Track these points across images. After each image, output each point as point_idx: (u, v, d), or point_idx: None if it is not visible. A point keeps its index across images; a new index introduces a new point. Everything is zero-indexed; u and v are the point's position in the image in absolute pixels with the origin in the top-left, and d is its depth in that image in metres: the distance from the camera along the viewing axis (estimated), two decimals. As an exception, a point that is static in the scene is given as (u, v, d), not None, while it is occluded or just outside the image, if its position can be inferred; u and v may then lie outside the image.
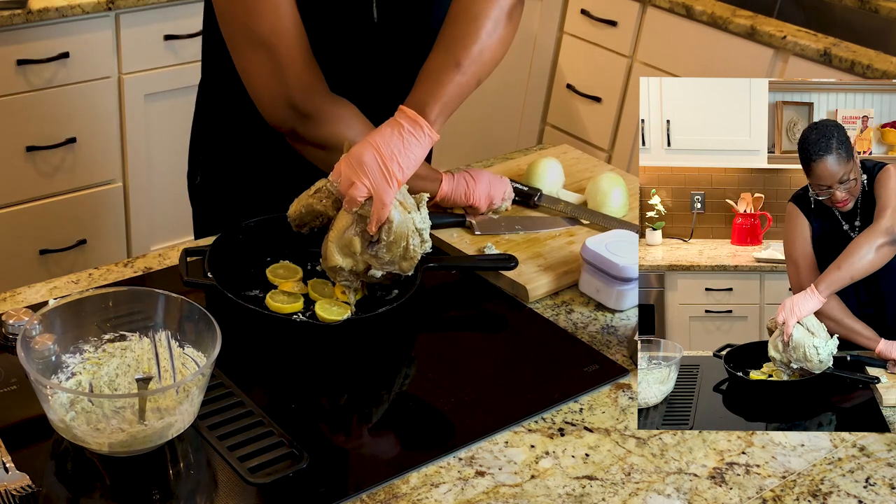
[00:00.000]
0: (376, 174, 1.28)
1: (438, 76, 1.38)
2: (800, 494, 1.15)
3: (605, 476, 1.15)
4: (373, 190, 1.28)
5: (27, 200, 2.70)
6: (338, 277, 1.35)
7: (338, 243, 1.32)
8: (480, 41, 1.41)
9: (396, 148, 1.30)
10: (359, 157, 1.29)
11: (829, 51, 2.77)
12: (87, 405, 1.09)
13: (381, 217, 1.29)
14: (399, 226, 1.30)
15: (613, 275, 1.42)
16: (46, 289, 1.38)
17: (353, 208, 1.30)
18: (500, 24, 1.43)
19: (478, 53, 1.40)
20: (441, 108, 1.35)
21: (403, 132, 1.31)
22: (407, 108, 1.34)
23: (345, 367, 1.30)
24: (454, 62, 1.39)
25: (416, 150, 1.31)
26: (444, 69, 1.38)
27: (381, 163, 1.28)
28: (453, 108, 1.39)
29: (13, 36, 2.46)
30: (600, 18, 3.34)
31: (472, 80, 1.41)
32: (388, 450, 1.18)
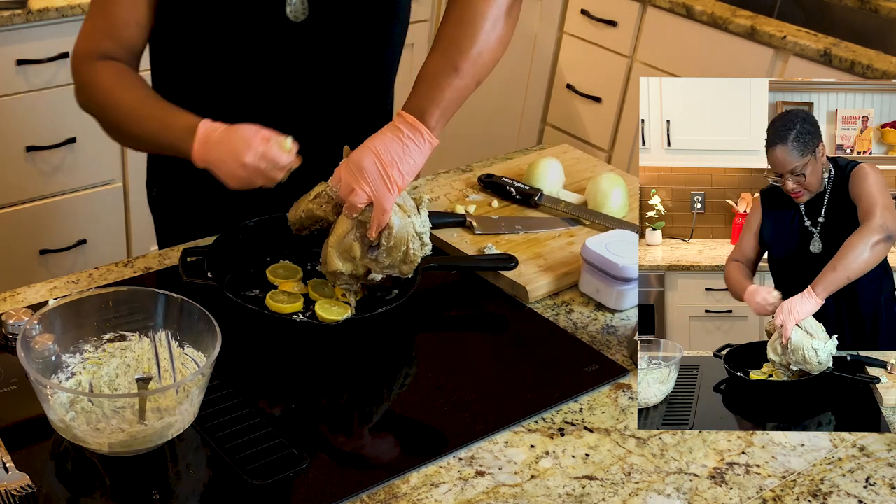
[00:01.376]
0: (377, 180, 1.28)
1: (437, 81, 1.36)
2: (800, 494, 1.15)
3: (605, 476, 1.15)
4: (373, 196, 1.28)
5: (27, 200, 2.70)
6: (337, 282, 1.35)
7: (338, 248, 1.32)
8: (479, 43, 1.39)
9: (397, 154, 1.29)
10: (359, 163, 1.28)
11: (829, 51, 2.77)
12: (87, 405, 1.09)
13: (381, 223, 1.28)
14: (399, 231, 1.30)
15: (613, 275, 1.42)
16: (46, 289, 1.38)
17: (353, 214, 1.30)
18: (499, 23, 1.41)
19: (476, 55, 1.39)
20: (440, 113, 1.34)
21: (403, 138, 1.30)
22: (406, 113, 1.33)
23: (345, 367, 1.30)
24: (452, 66, 1.37)
25: (416, 156, 1.31)
26: (442, 73, 1.37)
27: (381, 169, 1.28)
28: (453, 111, 1.38)
29: (13, 36, 2.46)
30: (600, 18, 3.34)
31: (471, 83, 1.40)
32: (388, 450, 1.18)
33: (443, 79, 1.36)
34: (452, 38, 1.40)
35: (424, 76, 1.38)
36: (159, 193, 1.69)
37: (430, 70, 1.38)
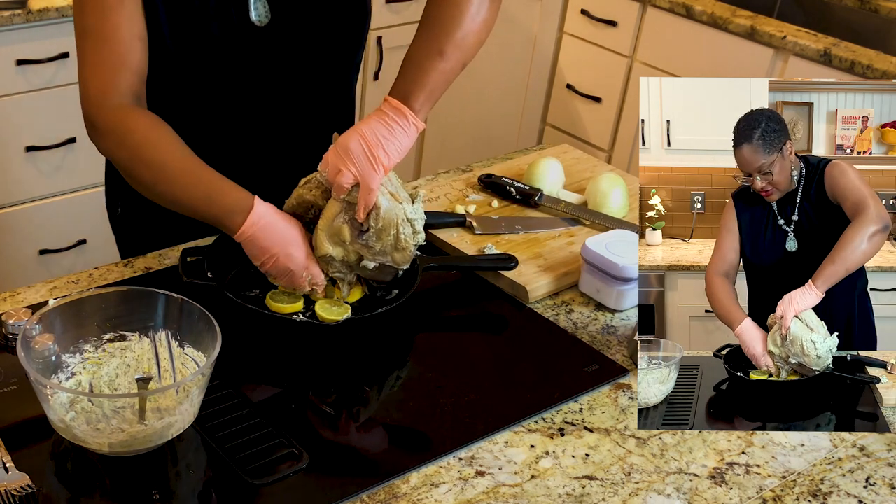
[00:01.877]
0: (362, 160, 1.29)
1: (422, 64, 1.37)
2: (800, 494, 1.15)
3: (605, 476, 1.15)
4: (359, 175, 1.29)
5: (27, 200, 2.70)
6: (329, 268, 1.34)
7: (327, 232, 1.32)
8: (464, 26, 1.39)
9: (382, 135, 1.30)
10: (345, 146, 1.30)
11: (829, 51, 2.77)
12: (87, 405, 1.09)
13: (368, 202, 1.29)
14: (387, 212, 1.30)
15: (613, 275, 1.42)
16: (46, 289, 1.38)
17: (340, 195, 1.30)
18: (483, 6, 1.40)
19: (461, 39, 1.39)
20: (426, 96, 1.35)
21: (389, 120, 1.32)
22: (391, 97, 1.34)
23: (345, 368, 1.30)
24: (437, 50, 1.37)
25: (401, 139, 1.32)
26: (427, 57, 1.37)
27: (366, 149, 1.29)
28: (438, 95, 1.38)
29: (13, 36, 2.46)
30: (600, 18, 3.34)
31: (456, 66, 1.40)
32: (388, 450, 1.18)
33: (428, 63, 1.37)
34: (437, 22, 1.40)
35: (409, 60, 1.38)
36: (123, 213, 1.66)
37: (414, 54, 1.39)
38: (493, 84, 3.49)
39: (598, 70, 3.41)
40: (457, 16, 1.39)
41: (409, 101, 1.34)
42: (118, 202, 1.66)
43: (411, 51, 1.39)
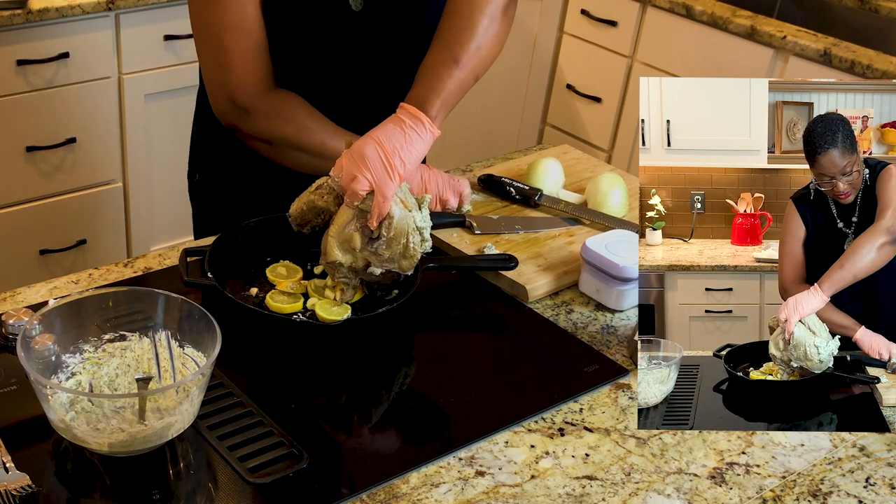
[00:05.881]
0: (378, 168, 1.28)
1: (438, 72, 1.39)
2: (800, 494, 1.15)
3: (605, 476, 1.15)
4: (374, 183, 1.28)
5: (27, 200, 2.70)
6: (336, 274, 1.35)
7: (338, 238, 1.32)
8: (477, 37, 1.43)
9: (398, 142, 1.30)
10: (361, 152, 1.29)
11: (829, 51, 2.77)
12: (87, 405, 1.09)
13: (382, 211, 1.29)
14: (399, 222, 1.30)
15: (613, 275, 1.42)
16: (46, 289, 1.38)
17: (354, 202, 1.30)
18: (495, 20, 1.45)
19: (475, 49, 1.43)
20: (441, 103, 1.37)
21: (405, 127, 1.32)
22: (407, 104, 1.34)
23: (345, 367, 1.30)
24: (453, 58, 1.41)
25: (417, 146, 1.32)
26: (442, 65, 1.40)
27: (383, 157, 1.29)
28: (453, 103, 1.41)
29: (13, 36, 2.46)
30: (600, 18, 3.34)
31: (470, 76, 1.43)
32: (388, 450, 1.18)
33: (443, 70, 1.40)
34: (452, 32, 1.44)
35: (425, 68, 1.42)
36: (201, 179, 1.73)
37: (430, 62, 1.42)
38: (493, 84, 3.49)
39: (598, 70, 3.41)
40: (469, 28, 1.43)
41: (425, 107, 1.35)
42: (198, 169, 1.73)
43: (426, 61, 1.43)
